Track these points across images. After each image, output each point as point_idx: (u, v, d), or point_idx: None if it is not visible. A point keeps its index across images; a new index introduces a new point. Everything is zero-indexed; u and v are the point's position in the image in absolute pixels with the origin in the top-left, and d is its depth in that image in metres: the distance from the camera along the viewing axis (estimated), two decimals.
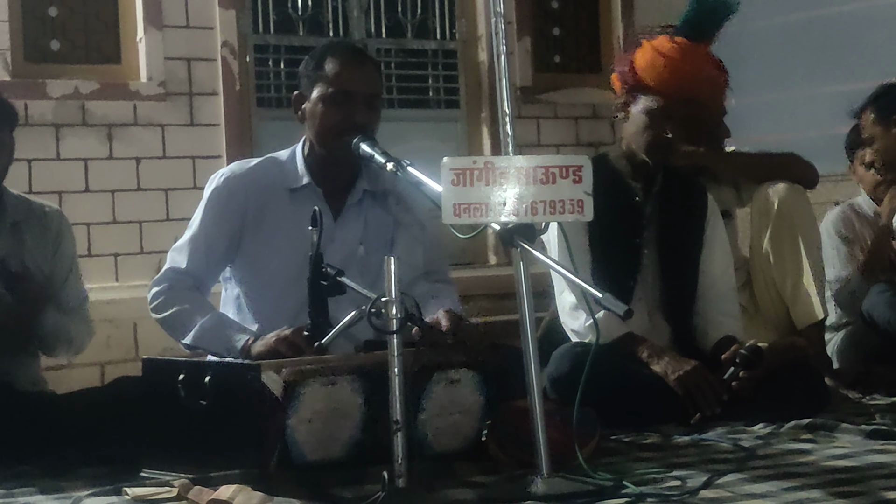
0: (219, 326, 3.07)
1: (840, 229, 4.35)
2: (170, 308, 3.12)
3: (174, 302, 3.12)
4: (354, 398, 2.62)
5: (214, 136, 5.40)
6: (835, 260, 4.34)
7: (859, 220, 4.42)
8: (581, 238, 3.42)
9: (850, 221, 4.41)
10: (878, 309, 3.95)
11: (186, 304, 3.11)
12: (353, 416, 2.63)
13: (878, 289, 4.03)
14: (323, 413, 2.59)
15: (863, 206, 4.46)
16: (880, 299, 3.96)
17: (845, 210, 4.46)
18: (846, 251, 4.35)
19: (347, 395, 2.61)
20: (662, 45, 3.47)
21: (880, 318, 3.93)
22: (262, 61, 5.72)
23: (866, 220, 4.41)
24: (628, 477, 2.60)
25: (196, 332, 3.06)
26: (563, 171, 2.57)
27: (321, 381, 2.59)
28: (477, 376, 2.80)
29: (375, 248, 3.20)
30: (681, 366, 3.33)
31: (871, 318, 3.98)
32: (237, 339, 2.99)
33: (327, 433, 2.61)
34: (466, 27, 6.17)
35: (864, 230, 4.41)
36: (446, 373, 2.76)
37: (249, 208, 3.20)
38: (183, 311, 3.10)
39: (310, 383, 2.57)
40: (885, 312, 3.92)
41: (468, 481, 2.66)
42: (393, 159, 2.91)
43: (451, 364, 2.77)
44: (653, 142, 3.45)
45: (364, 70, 3.19)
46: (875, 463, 2.73)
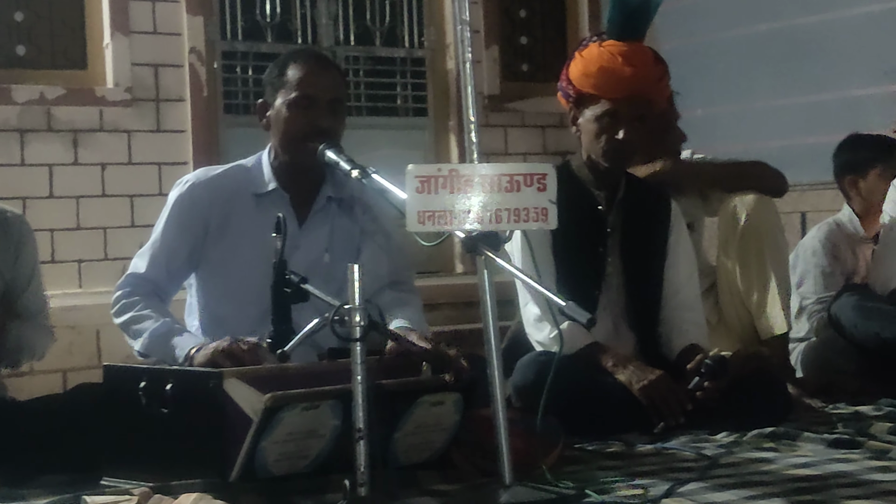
0: (168, 334, 3.04)
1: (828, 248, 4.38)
2: (127, 313, 3.10)
3: (131, 307, 3.11)
4: (332, 420, 2.59)
5: (181, 143, 5.38)
6: (818, 278, 4.36)
7: (844, 238, 4.44)
8: (545, 247, 3.42)
9: (837, 239, 4.44)
10: (845, 313, 3.96)
11: (142, 310, 3.09)
12: (325, 435, 2.61)
13: (846, 293, 4.05)
14: (297, 435, 2.56)
15: (847, 224, 4.48)
16: (848, 303, 3.97)
17: (832, 228, 4.48)
18: (830, 271, 4.37)
19: (326, 418, 2.58)
20: (592, 53, 3.49)
21: (847, 322, 3.95)
22: (230, 68, 5.70)
23: (852, 238, 4.44)
24: (591, 485, 2.60)
25: (146, 338, 3.05)
26: (527, 180, 2.57)
27: (304, 405, 2.55)
28: (460, 398, 2.78)
29: (341, 256, 3.19)
30: (645, 375, 3.34)
31: (839, 322, 3.99)
32: (182, 348, 2.96)
33: (297, 451, 2.59)
34: (435, 35, 6.17)
35: (847, 250, 4.44)
36: (433, 396, 2.74)
37: (213, 216, 3.18)
38: (137, 317, 3.09)
39: (291, 408, 2.52)
40: (851, 317, 3.94)
41: (431, 490, 2.66)
42: (358, 166, 2.91)
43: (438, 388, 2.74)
44: (607, 146, 3.46)
45: (327, 75, 3.19)
46: (836, 472, 2.74)
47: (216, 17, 5.62)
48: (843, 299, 4.02)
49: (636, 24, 3.50)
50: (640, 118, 3.46)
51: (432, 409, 2.73)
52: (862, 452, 2.96)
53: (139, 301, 3.11)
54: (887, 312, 3.85)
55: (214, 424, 2.55)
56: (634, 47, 3.49)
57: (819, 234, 4.47)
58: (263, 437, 2.50)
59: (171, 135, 5.37)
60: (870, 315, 3.90)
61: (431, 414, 2.74)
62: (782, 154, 4.18)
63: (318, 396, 2.56)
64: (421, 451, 2.77)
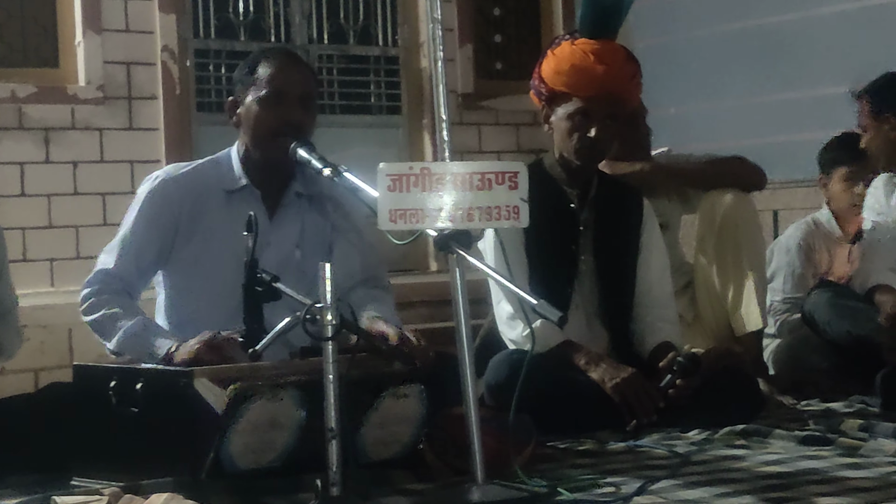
0: (143, 332, 3.02)
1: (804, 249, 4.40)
2: (97, 311, 3.08)
3: (102, 305, 3.08)
4: (297, 412, 2.59)
5: (153, 141, 5.36)
6: (788, 277, 4.38)
7: (821, 237, 4.46)
8: (517, 245, 3.42)
9: (813, 240, 4.45)
10: (818, 310, 3.97)
11: (114, 307, 3.07)
12: (290, 427, 2.60)
13: (820, 289, 4.06)
14: (262, 426, 2.56)
15: (824, 223, 4.50)
16: (821, 300, 3.98)
17: (809, 226, 4.49)
18: (801, 273, 4.38)
19: (290, 409, 2.58)
20: (564, 51, 3.49)
21: (820, 319, 3.96)
22: (203, 66, 5.68)
23: (828, 237, 4.45)
24: (563, 484, 2.60)
25: (120, 336, 3.02)
26: (499, 178, 2.57)
27: (267, 396, 2.55)
28: (424, 390, 2.78)
29: (312, 252, 3.18)
30: (618, 373, 3.34)
31: (812, 319, 4.00)
32: (159, 345, 2.95)
33: (262, 443, 2.59)
34: (408, 34, 6.17)
35: (823, 249, 4.46)
36: (397, 388, 2.74)
37: (184, 212, 3.16)
38: (109, 315, 3.06)
39: (256, 399, 2.53)
40: (825, 314, 3.95)
41: (403, 489, 2.66)
42: (330, 165, 2.90)
43: (402, 379, 2.74)
44: (579, 144, 3.46)
45: (297, 71, 3.19)
46: (807, 469, 2.75)
47: (189, 15, 5.60)
48: (817, 295, 4.03)
49: (608, 23, 3.51)
50: (612, 116, 3.46)
51: (397, 402, 2.74)
52: (833, 449, 2.97)
53: (109, 298, 3.09)
54: (859, 310, 3.86)
55: (185, 423, 2.54)
56: (607, 45, 3.49)
57: (796, 233, 4.49)
58: (229, 428, 2.50)
59: (144, 133, 5.35)
60: (842, 313, 3.91)
61: (395, 407, 2.74)
62: (755, 152, 4.18)
63: (282, 387, 2.57)
64: (388, 446, 2.77)
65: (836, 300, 3.94)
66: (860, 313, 3.84)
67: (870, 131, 4.02)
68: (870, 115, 4.01)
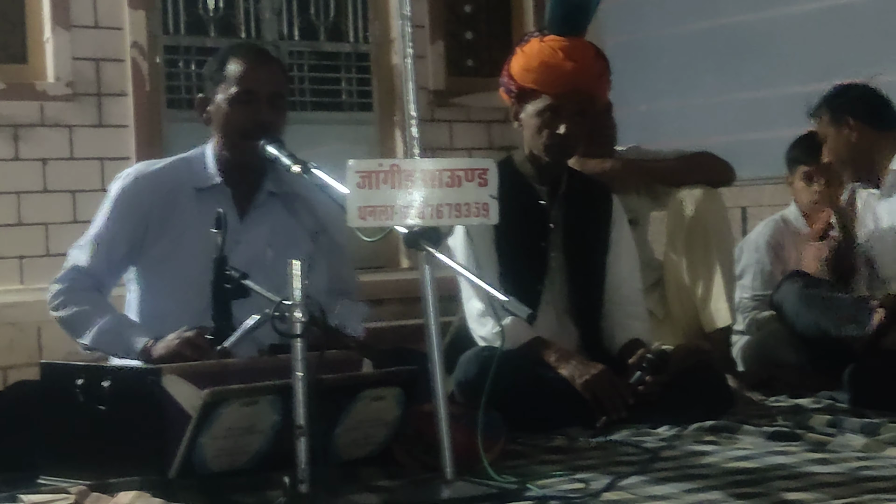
0: (118, 328, 3.03)
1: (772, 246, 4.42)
2: (69, 308, 3.07)
3: (73, 302, 3.08)
4: (271, 416, 2.58)
5: (123, 138, 5.34)
6: (757, 275, 4.40)
7: (790, 234, 4.48)
8: (487, 242, 3.43)
9: (782, 237, 4.48)
10: (788, 300, 3.98)
11: (86, 304, 3.07)
12: (265, 431, 2.59)
13: (790, 280, 4.07)
14: (237, 430, 2.55)
15: (792, 221, 4.52)
16: (791, 290, 4.00)
17: (778, 223, 4.52)
18: (770, 270, 4.40)
19: (265, 413, 2.56)
20: (533, 48, 3.50)
21: (789, 310, 3.97)
22: (173, 62, 5.66)
23: (797, 235, 4.48)
24: (533, 480, 2.61)
25: (95, 333, 3.02)
26: (468, 175, 2.58)
27: (242, 401, 2.53)
28: (401, 392, 2.77)
29: (284, 251, 3.16)
30: (588, 370, 3.35)
31: (781, 310, 4.02)
32: (137, 341, 2.94)
33: (236, 447, 2.57)
34: (380, 30, 6.16)
35: (791, 247, 4.48)
36: (373, 391, 2.73)
37: (155, 209, 3.16)
38: (82, 312, 3.06)
39: (230, 403, 2.50)
40: (793, 305, 3.96)
41: (373, 486, 2.65)
42: (299, 162, 2.90)
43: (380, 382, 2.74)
44: (548, 141, 3.47)
45: (267, 69, 3.17)
46: (775, 464, 2.76)
47: (158, 11, 5.57)
48: (787, 286, 4.04)
49: (577, 19, 3.51)
50: (581, 113, 3.47)
51: (373, 404, 2.73)
52: (801, 445, 2.99)
53: (82, 295, 3.09)
54: (827, 301, 3.87)
55: (153, 421, 2.53)
56: (575, 42, 3.50)
57: (765, 230, 4.51)
58: (202, 432, 2.48)
59: (114, 129, 5.32)
60: (811, 303, 3.92)
61: (372, 409, 2.73)
62: (724, 149, 4.19)
63: (258, 392, 2.54)
64: (362, 447, 2.77)
65: (805, 291, 3.96)
66: (828, 304, 3.85)
67: (830, 141, 4.05)
68: (829, 123, 4.04)
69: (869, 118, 4.00)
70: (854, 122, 3.99)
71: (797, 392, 3.82)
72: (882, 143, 3.99)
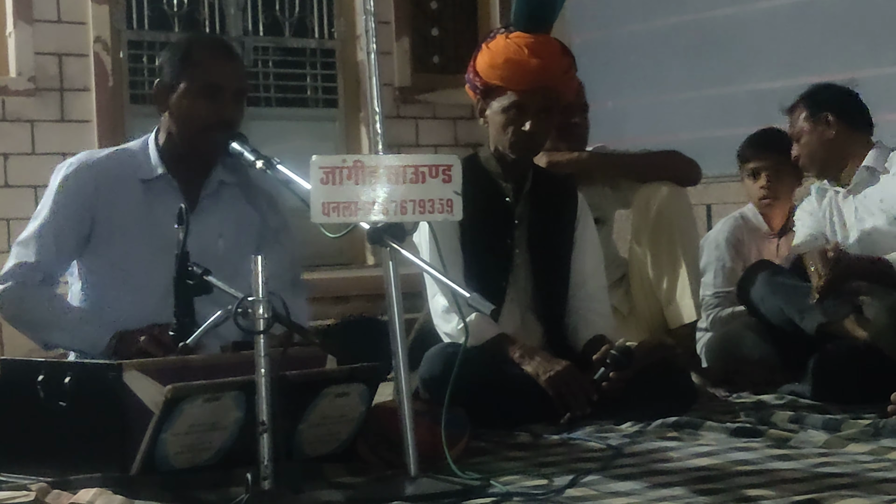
0: (78, 323, 2.99)
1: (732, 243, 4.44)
2: (23, 307, 3.03)
3: (27, 299, 3.03)
4: (235, 412, 2.56)
5: (86, 133, 5.32)
6: (718, 272, 4.41)
7: (749, 231, 4.50)
8: (452, 239, 3.42)
9: (742, 234, 4.49)
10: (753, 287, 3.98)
11: (41, 301, 3.03)
12: (229, 427, 2.57)
13: (755, 268, 4.08)
14: (200, 426, 2.53)
15: (751, 218, 4.54)
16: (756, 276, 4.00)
17: (737, 221, 4.53)
18: (731, 267, 4.42)
19: (229, 409, 2.55)
20: (498, 44, 3.49)
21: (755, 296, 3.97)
22: (137, 57, 5.64)
23: (756, 232, 4.49)
24: (496, 476, 2.60)
25: (55, 330, 2.99)
26: (432, 171, 2.57)
27: (205, 396, 2.51)
28: (365, 389, 2.76)
29: (236, 243, 3.14)
30: (552, 366, 3.35)
31: (747, 296, 4.02)
32: (100, 335, 2.91)
33: (199, 443, 2.56)
34: (345, 26, 6.15)
35: (751, 244, 4.50)
36: (338, 387, 2.72)
37: (100, 200, 3.08)
38: (39, 309, 3.02)
39: (193, 399, 2.49)
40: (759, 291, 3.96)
41: (337, 482, 2.64)
42: (262, 157, 2.88)
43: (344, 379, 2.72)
44: (514, 138, 3.46)
45: (233, 65, 3.16)
46: (738, 460, 2.77)
47: (122, 6, 5.56)
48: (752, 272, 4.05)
49: (543, 16, 3.51)
50: (546, 109, 3.46)
51: (337, 401, 2.72)
52: (763, 441, 3.00)
53: (35, 292, 3.03)
54: (792, 288, 3.88)
55: (114, 417, 2.51)
56: (541, 39, 3.49)
57: (724, 227, 4.52)
58: (164, 429, 2.46)
59: (76, 125, 5.30)
60: (776, 290, 3.93)
61: (336, 405, 2.72)
62: (690, 146, 4.21)
63: (220, 388, 2.53)
64: (326, 443, 2.76)
65: (771, 277, 3.97)
66: (793, 291, 3.87)
67: (804, 136, 4.06)
68: (807, 118, 4.04)
69: (848, 117, 4.02)
70: (833, 119, 4.00)
71: (760, 388, 3.83)
72: (855, 145, 4.01)
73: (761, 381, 3.91)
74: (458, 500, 2.45)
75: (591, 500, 2.43)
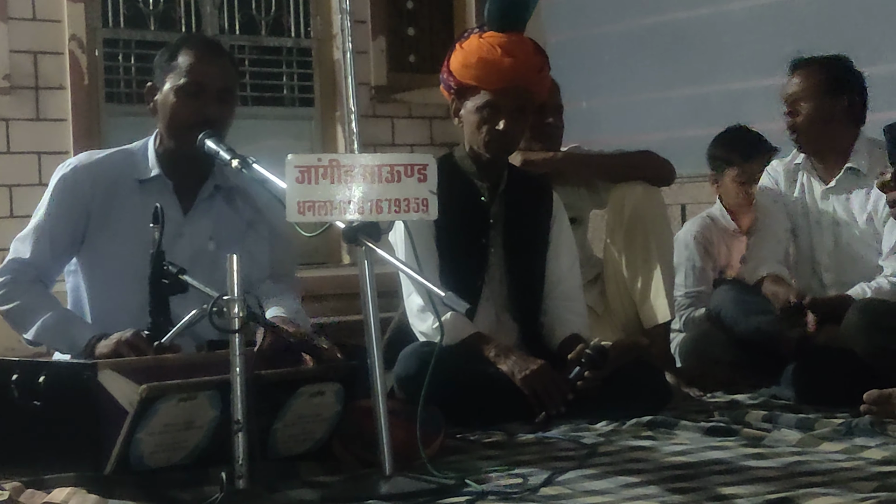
0: (62, 323, 3.00)
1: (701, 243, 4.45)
2: (12, 301, 3.05)
3: (16, 295, 3.05)
4: (210, 412, 2.56)
5: (61, 132, 5.30)
6: (689, 272, 4.42)
7: (717, 231, 4.51)
8: (427, 238, 3.43)
9: (710, 234, 4.50)
10: (725, 307, 3.99)
11: (29, 297, 3.04)
12: (204, 427, 2.57)
13: (722, 287, 4.09)
14: (175, 426, 2.53)
15: (719, 218, 4.55)
16: (727, 298, 4.01)
17: (705, 221, 4.54)
18: (701, 266, 4.43)
19: (204, 408, 2.55)
20: (472, 44, 3.50)
21: (728, 318, 3.97)
22: (112, 56, 5.61)
23: (724, 231, 4.51)
24: (471, 475, 2.61)
25: (38, 327, 2.99)
26: (408, 170, 2.57)
27: (180, 396, 2.51)
28: (340, 388, 2.76)
29: (227, 246, 3.15)
30: (527, 365, 3.36)
31: (719, 317, 4.02)
32: (81, 337, 2.92)
33: (174, 442, 2.56)
34: (321, 25, 6.15)
35: (720, 243, 4.51)
36: (313, 386, 2.72)
37: (96, 199, 3.13)
38: (25, 305, 3.03)
39: (167, 399, 2.49)
40: (732, 313, 3.96)
41: (311, 481, 2.65)
42: (238, 156, 2.88)
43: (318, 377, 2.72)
44: (488, 137, 3.47)
45: (218, 63, 3.16)
46: (712, 459, 2.78)
47: (98, 4, 5.53)
48: (722, 294, 4.05)
49: (516, 15, 3.52)
50: (520, 109, 3.47)
51: (312, 400, 2.72)
52: (737, 440, 3.01)
53: (25, 288, 3.06)
54: (765, 306, 3.89)
55: (89, 417, 2.51)
56: (514, 38, 3.50)
57: (692, 228, 4.53)
58: (139, 428, 2.46)
59: (51, 123, 5.28)
60: (749, 310, 3.93)
61: (311, 404, 2.72)
62: (664, 146, 4.22)
63: (195, 387, 2.53)
64: (301, 442, 2.76)
65: (741, 296, 3.97)
66: (767, 309, 3.87)
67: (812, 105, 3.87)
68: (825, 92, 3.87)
69: (859, 111, 3.91)
70: (846, 105, 3.88)
71: (734, 388, 3.84)
72: (848, 138, 3.91)
73: (731, 383, 3.92)
74: (433, 498, 2.46)
75: (565, 498, 2.44)
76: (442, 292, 2.44)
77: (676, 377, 3.90)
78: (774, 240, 4.02)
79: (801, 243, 4.03)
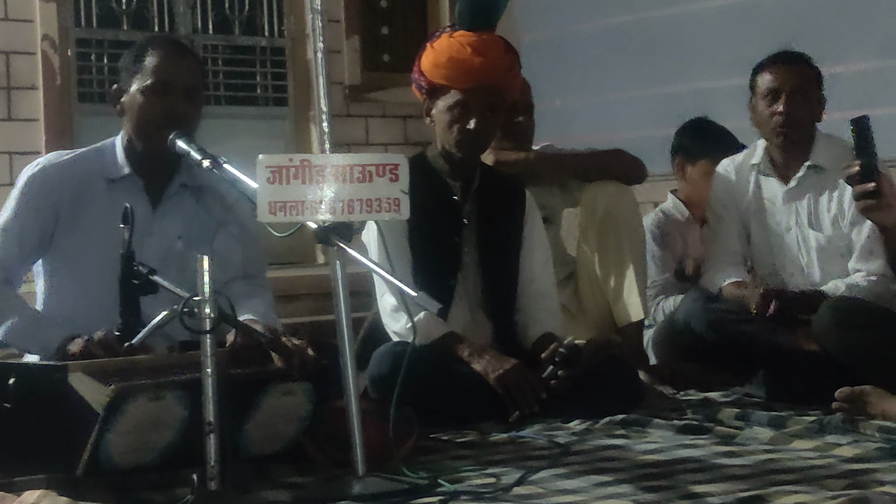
0: (33, 325, 2.98)
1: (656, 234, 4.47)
2: None
3: None
4: (179, 411, 2.55)
5: (33, 131, 5.28)
6: (649, 262, 4.43)
7: (671, 223, 4.53)
8: (400, 237, 3.42)
9: (665, 227, 4.52)
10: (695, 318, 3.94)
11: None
12: (173, 426, 2.57)
13: (692, 296, 4.05)
14: (144, 426, 2.52)
15: (673, 212, 4.57)
16: (694, 310, 3.96)
17: (659, 217, 4.56)
18: (661, 255, 4.45)
19: (173, 409, 2.54)
20: (443, 43, 3.50)
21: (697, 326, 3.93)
22: (85, 56, 5.59)
23: (678, 222, 4.52)
24: (444, 475, 2.61)
25: (8, 329, 2.98)
26: (379, 170, 2.57)
27: (149, 395, 2.50)
28: (310, 387, 2.75)
29: (196, 244, 3.14)
30: (500, 364, 3.36)
31: (689, 328, 3.98)
32: (53, 338, 2.90)
33: (143, 443, 2.55)
34: (295, 24, 6.13)
35: (676, 236, 4.52)
36: (283, 385, 2.71)
37: (65, 199, 3.11)
38: None
39: (136, 399, 2.48)
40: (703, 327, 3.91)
41: (284, 482, 2.64)
42: (209, 156, 2.87)
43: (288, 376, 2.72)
44: (459, 136, 3.47)
45: (184, 62, 3.16)
46: (684, 457, 2.79)
47: (70, 4, 5.51)
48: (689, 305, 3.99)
49: (486, 15, 3.52)
50: (491, 107, 3.48)
51: (282, 399, 2.71)
52: (709, 438, 3.02)
53: None
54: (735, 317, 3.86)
55: (59, 419, 2.49)
56: (484, 37, 3.51)
57: (647, 222, 4.53)
58: (108, 429, 2.45)
59: (23, 123, 5.26)
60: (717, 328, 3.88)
61: (282, 404, 2.72)
62: (636, 145, 4.23)
63: (164, 387, 2.52)
64: (272, 442, 2.75)
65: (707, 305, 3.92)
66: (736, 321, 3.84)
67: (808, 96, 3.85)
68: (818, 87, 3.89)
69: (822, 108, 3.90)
70: (823, 105, 3.88)
71: (705, 387, 3.84)
72: (814, 130, 3.89)
73: (705, 381, 3.91)
74: (406, 499, 2.46)
75: (538, 497, 2.44)
76: (414, 292, 2.44)
77: (650, 375, 3.90)
78: (729, 246, 4.02)
79: (758, 248, 4.01)
